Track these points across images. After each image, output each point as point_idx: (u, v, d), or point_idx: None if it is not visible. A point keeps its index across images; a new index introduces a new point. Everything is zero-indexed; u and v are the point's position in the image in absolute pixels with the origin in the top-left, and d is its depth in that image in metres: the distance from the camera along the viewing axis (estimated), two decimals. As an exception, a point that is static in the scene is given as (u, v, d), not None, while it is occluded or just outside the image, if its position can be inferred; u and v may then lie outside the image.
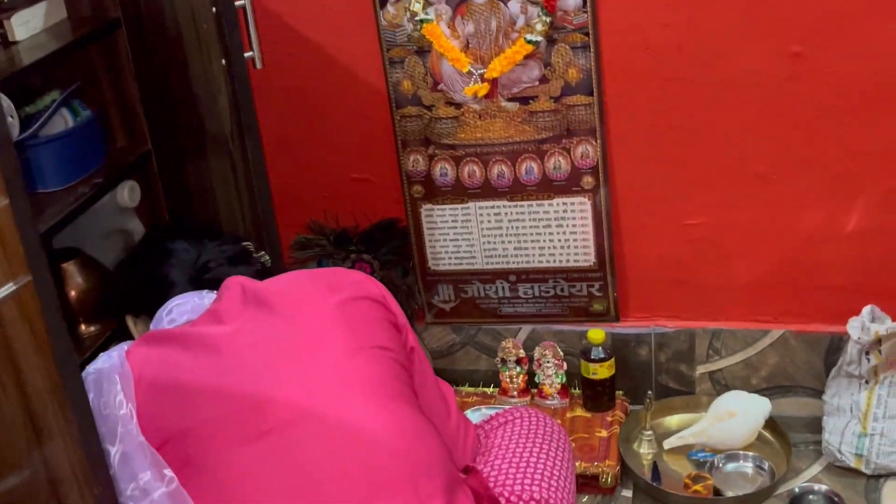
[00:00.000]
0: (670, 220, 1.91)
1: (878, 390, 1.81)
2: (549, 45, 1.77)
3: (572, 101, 1.79)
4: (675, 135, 1.83)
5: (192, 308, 1.33)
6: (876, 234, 1.83)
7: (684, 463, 1.82)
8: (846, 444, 1.82)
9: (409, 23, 1.81)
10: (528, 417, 1.39)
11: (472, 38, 1.79)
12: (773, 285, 1.94)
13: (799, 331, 1.96)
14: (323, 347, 1.23)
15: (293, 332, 1.25)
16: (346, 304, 1.26)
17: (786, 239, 1.89)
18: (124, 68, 1.63)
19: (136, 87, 1.62)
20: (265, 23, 1.88)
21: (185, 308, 1.34)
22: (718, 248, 1.93)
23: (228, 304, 1.28)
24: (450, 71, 1.82)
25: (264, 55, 1.84)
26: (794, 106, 1.76)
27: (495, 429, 1.38)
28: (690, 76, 1.77)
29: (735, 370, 2.00)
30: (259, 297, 1.27)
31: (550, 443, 1.35)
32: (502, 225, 1.89)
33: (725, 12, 1.71)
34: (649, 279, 1.99)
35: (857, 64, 1.70)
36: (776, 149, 1.81)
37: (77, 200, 1.51)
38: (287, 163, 2.03)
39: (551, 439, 1.36)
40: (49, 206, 1.47)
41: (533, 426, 1.37)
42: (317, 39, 1.89)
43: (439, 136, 1.87)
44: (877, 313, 1.81)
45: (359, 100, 1.93)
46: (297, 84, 1.94)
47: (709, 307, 1.99)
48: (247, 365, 1.21)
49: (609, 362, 1.91)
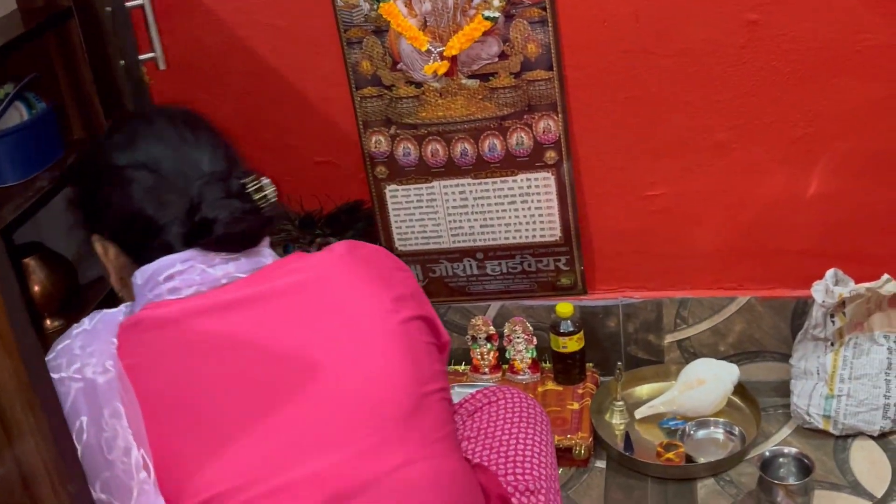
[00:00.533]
0: (633, 191, 1.92)
1: (844, 352, 1.83)
2: (507, 20, 1.76)
3: (532, 77, 1.79)
4: (635, 106, 1.83)
5: (203, 279, 1.12)
6: (836, 198, 1.85)
7: (656, 432, 1.84)
8: (814, 407, 1.85)
9: (365, 3, 1.79)
10: (509, 398, 1.36)
11: (429, 16, 1.78)
12: (737, 252, 1.96)
13: (764, 296, 1.98)
14: (385, 386, 1.09)
15: (346, 354, 1.09)
16: (407, 326, 1.12)
17: (748, 205, 1.90)
18: (79, 59, 1.61)
19: (91, 77, 1.60)
20: (219, 9, 1.87)
21: (193, 278, 1.12)
22: (682, 218, 1.94)
23: (255, 287, 1.11)
24: (408, 50, 1.81)
25: (220, 41, 1.87)
26: (751, 73, 1.77)
27: (475, 412, 1.35)
28: (648, 47, 1.78)
29: (703, 338, 2.02)
30: (301, 287, 1.11)
31: (535, 426, 1.33)
32: (467, 203, 1.89)
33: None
34: (615, 251, 2.00)
35: (812, 29, 1.71)
36: (735, 116, 1.82)
37: (36, 194, 1.50)
38: (248, 149, 1.89)
39: (535, 422, 1.34)
40: (7, 201, 1.45)
41: (515, 408, 1.35)
42: (273, 23, 1.88)
43: (401, 115, 1.86)
44: (840, 276, 1.84)
45: (318, 82, 1.93)
46: (255, 69, 1.94)
47: (674, 276, 2.00)
48: (283, 379, 1.07)
49: (578, 335, 1.92)
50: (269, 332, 1.09)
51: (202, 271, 1.12)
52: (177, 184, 1.10)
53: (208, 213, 1.09)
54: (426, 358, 1.13)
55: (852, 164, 1.82)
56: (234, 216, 1.10)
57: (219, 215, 1.09)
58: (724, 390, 1.88)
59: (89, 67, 1.61)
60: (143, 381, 1.06)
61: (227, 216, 1.09)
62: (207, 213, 1.09)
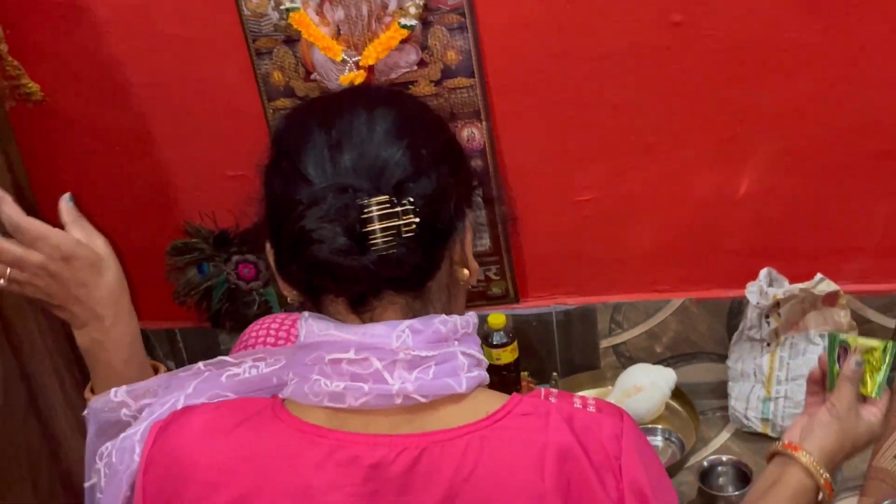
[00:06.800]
0: (563, 196, 1.90)
1: (780, 352, 1.84)
2: (425, 27, 1.73)
3: (453, 84, 1.76)
4: (560, 111, 1.81)
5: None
6: (768, 197, 1.86)
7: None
8: (752, 410, 1.86)
9: (273, 11, 1.74)
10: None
11: (343, 24, 1.74)
12: (669, 254, 1.96)
13: (699, 298, 1.98)
14: None
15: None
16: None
17: (679, 207, 1.90)
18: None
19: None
20: (116, 17, 1.84)
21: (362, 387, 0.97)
22: (612, 221, 1.93)
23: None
24: (322, 60, 1.77)
25: (119, 51, 1.83)
26: (677, 75, 1.76)
27: None
28: (571, 51, 1.74)
29: (638, 342, 2.03)
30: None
31: None
32: (393, 214, 1.85)
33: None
34: (546, 258, 2.00)
35: (736, 29, 1.71)
36: (663, 118, 1.81)
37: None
38: (152, 165, 1.99)
39: None
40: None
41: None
42: (176, 32, 1.82)
43: None
44: (774, 275, 1.84)
45: (226, 94, 1.87)
46: (157, 80, 1.88)
47: (608, 281, 2.01)
48: None
49: (512, 346, 1.92)
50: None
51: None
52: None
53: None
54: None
55: (782, 162, 1.83)
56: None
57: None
58: (661, 396, 1.89)
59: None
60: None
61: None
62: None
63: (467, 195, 1.06)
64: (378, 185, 0.94)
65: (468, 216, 1.05)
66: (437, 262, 1.00)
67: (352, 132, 0.97)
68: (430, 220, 0.96)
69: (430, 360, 0.97)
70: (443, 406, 0.97)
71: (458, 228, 1.02)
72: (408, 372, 0.95)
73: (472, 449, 0.95)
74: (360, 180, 0.94)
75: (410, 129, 1.00)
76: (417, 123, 1.02)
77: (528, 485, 0.94)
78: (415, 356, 0.96)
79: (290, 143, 1.00)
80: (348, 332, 0.96)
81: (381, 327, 0.96)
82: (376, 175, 0.95)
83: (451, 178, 1.01)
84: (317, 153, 0.97)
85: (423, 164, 0.97)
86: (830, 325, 1.84)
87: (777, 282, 1.83)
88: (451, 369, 0.97)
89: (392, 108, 1.01)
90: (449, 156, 1.03)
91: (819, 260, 1.86)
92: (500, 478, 0.95)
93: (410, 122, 1.01)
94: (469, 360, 0.99)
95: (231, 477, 0.98)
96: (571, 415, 0.98)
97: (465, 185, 1.06)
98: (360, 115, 0.98)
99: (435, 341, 0.97)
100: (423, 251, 0.96)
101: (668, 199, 1.89)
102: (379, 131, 0.97)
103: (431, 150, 0.99)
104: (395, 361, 0.95)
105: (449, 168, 1.01)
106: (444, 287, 1.03)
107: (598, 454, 0.95)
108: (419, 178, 0.96)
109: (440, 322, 0.98)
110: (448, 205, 0.99)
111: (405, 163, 0.96)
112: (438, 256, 1.00)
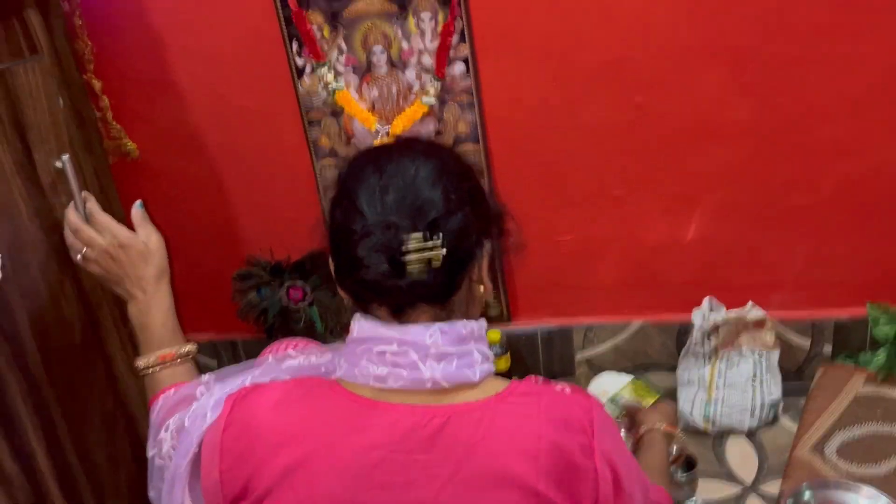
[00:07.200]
0: (548, 236, 1.98)
1: (719, 365, 1.93)
2: (442, 104, 1.84)
3: (463, 149, 1.87)
4: (547, 169, 1.90)
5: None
6: (710, 239, 1.94)
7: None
8: (696, 411, 1.94)
9: (323, 90, 1.88)
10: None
11: (377, 101, 1.87)
12: (632, 285, 2.04)
13: (654, 321, 2.06)
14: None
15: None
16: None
17: (639, 247, 1.98)
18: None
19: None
20: (195, 91, 1.95)
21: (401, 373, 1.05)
22: (587, 257, 2.01)
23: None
24: (360, 129, 1.89)
25: (196, 117, 1.94)
26: (639, 142, 1.85)
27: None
28: (556, 124, 1.85)
29: (606, 355, 2.12)
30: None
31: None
32: (412, 250, 1.93)
33: (581, 70, 1.79)
34: (534, 286, 2.08)
35: (686, 108, 1.80)
36: (628, 176, 1.89)
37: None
38: (224, 208, 2.09)
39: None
40: None
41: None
42: (244, 104, 1.94)
43: None
44: (714, 304, 1.94)
45: (283, 153, 1.98)
46: (229, 140, 1.99)
47: (583, 305, 2.08)
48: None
49: (505, 356, 2.06)
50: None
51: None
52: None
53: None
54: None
55: (722, 212, 1.90)
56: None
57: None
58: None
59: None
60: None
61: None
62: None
63: (486, 228, 1.14)
64: (416, 223, 1.03)
65: (485, 245, 1.13)
66: (459, 283, 1.09)
67: (398, 177, 1.06)
68: (455, 251, 1.05)
69: (453, 355, 1.06)
70: (461, 390, 1.07)
71: (477, 255, 1.11)
72: (436, 363, 1.05)
73: (486, 418, 1.04)
74: (402, 218, 1.03)
75: (444, 176, 1.07)
76: (449, 172, 1.09)
77: (527, 445, 1.03)
78: (442, 351, 1.05)
79: (350, 183, 1.09)
80: (392, 330, 1.06)
81: (417, 328, 1.06)
82: (415, 214, 1.04)
83: (474, 216, 1.09)
84: (370, 193, 1.06)
85: (453, 205, 1.06)
86: (759, 343, 1.93)
87: (716, 308, 1.93)
88: (468, 363, 1.07)
89: (430, 159, 1.09)
90: (473, 198, 1.11)
91: (750, 291, 1.95)
92: (505, 439, 1.03)
93: (444, 170, 1.08)
94: (481, 356, 1.09)
95: (294, 437, 1.05)
96: (556, 395, 1.08)
97: (485, 220, 1.13)
98: (404, 163, 1.07)
99: (457, 341, 1.07)
100: (447, 275, 1.06)
101: (630, 240, 1.97)
102: (419, 178, 1.06)
103: (459, 194, 1.07)
104: (427, 355, 1.05)
105: (472, 208, 1.09)
106: (463, 300, 1.12)
107: (576, 423, 1.05)
108: (449, 218, 1.05)
109: (461, 325, 1.08)
110: (470, 237, 1.08)
111: (438, 204, 1.05)
112: (460, 279, 1.09)
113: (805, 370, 2.05)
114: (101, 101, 1.94)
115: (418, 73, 1.84)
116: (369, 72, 1.86)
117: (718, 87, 1.78)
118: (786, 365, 2.01)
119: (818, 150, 1.82)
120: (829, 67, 1.74)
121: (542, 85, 1.82)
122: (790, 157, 1.84)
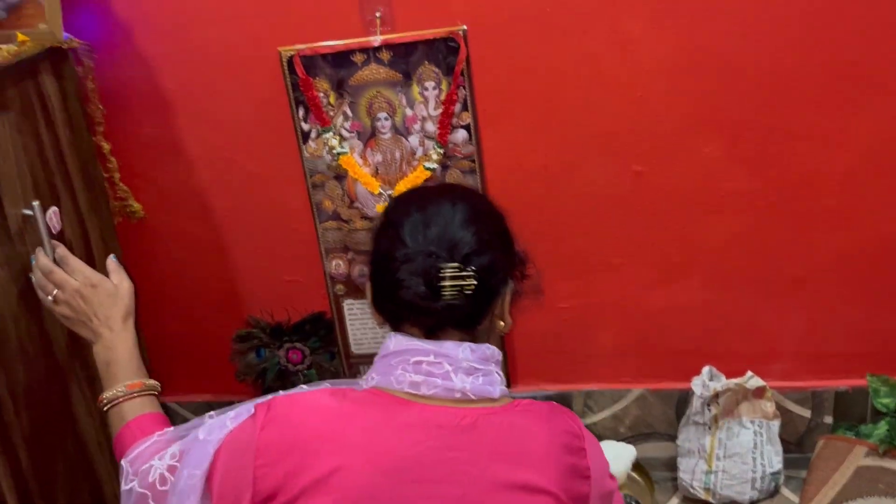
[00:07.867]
0: (547, 304, 1.99)
1: (719, 434, 1.94)
2: (444, 169, 1.88)
3: None
4: (547, 236, 1.91)
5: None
6: (707, 308, 1.96)
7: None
8: (696, 481, 1.96)
9: (327, 154, 1.91)
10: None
11: (380, 165, 1.91)
12: (631, 352, 2.04)
13: (654, 388, 2.07)
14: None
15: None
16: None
17: (638, 315, 1.99)
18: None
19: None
20: (202, 154, 1.98)
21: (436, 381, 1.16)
22: (586, 325, 2.02)
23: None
24: (363, 192, 1.93)
25: (201, 181, 1.99)
26: (638, 212, 1.88)
27: None
28: (555, 191, 1.88)
29: (605, 422, 2.12)
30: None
31: None
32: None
33: (581, 139, 1.83)
34: (533, 352, 2.08)
35: (685, 178, 1.84)
36: (626, 244, 1.92)
37: None
38: (226, 270, 2.13)
39: None
40: None
41: None
42: (250, 168, 1.98)
43: (356, 244, 1.99)
44: (713, 372, 1.96)
45: (287, 216, 2.01)
46: (233, 204, 2.04)
47: (582, 372, 2.09)
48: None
49: None
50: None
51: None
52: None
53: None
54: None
55: (719, 281, 1.93)
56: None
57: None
58: (624, 468, 1.96)
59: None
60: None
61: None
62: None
63: (511, 269, 1.29)
64: (452, 255, 1.18)
65: (510, 284, 1.28)
66: (485, 313, 1.23)
67: (438, 215, 1.20)
68: (484, 284, 1.19)
69: (479, 371, 1.19)
70: (482, 403, 1.19)
71: (502, 292, 1.26)
72: (466, 376, 1.18)
73: (506, 420, 1.17)
74: (440, 250, 1.17)
75: (478, 217, 1.23)
76: (484, 214, 1.26)
77: (542, 443, 1.17)
78: (471, 366, 1.19)
79: (395, 217, 1.23)
80: (429, 344, 1.19)
81: (451, 343, 1.20)
82: (452, 247, 1.18)
83: (502, 256, 1.24)
84: (413, 226, 1.20)
85: (485, 244, 1.21)
86: (759, 413, 1.94)
87: (716, 377, 1.95)
88: (491, 381, 1.21)
89: (467, 202, 1.24)
90: (503, 240, 1.28)
91: (750, 360, 1.96)
92: (522, 438, 1.17)
93: (479, 212, 1.24)
94: (500, 377, 1.23)
95: (335, 437, 1.13)
96: (552, 407, 1.24)
97: (510, 262, 1.29)
98: (444, 204, 1.22)
99: (483, 360, 1.21)
100: (476, 304, 1.20)
101: (629, 308, 1.99)
102: (457, 217, 1.20)
103: (491, 235, 1.23)
104: (459, 368, 1.18)
105: (502, 249, 1.25)
106: (486, 330, 1.25)
107: (574, 430, 1.21)
108: (481, 254, 1.20)
109: (486, 347, 1.22)
110: (497, 275, 1.23)
111: (472, 242, 1.20)
112: (486, 309, 1.23)
113: (806, 441, 2.06)
114: (109, 162, 1.99)
115: (421, 139, 1.88)
116: (373, 137, 1.91)
117: (716, 157, 1.82)
118: (787, 436, 2.03)
119: (815, 220, 1.85)
120: (822, 140, 1.78)
121: (543, 152, 1.86)
122: (788, 227, 1.87)
